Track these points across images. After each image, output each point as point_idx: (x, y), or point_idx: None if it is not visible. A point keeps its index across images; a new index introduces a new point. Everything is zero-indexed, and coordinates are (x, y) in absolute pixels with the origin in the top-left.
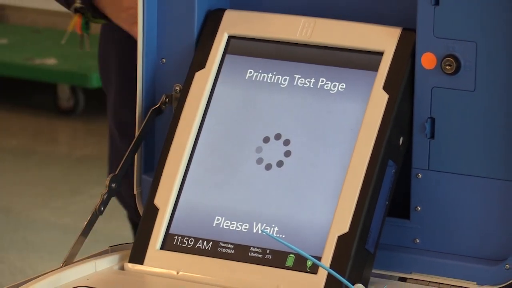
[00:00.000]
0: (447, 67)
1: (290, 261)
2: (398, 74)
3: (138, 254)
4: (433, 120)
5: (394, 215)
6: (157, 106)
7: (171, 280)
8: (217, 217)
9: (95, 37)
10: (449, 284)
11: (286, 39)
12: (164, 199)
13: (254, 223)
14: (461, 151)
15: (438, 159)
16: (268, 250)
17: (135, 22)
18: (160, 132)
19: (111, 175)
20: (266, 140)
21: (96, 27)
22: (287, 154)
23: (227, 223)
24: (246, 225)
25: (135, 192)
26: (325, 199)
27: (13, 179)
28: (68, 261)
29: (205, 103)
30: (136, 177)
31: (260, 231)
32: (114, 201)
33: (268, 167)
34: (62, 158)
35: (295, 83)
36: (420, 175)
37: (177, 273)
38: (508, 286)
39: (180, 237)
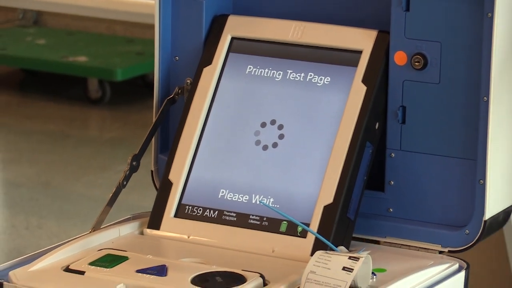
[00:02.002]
0: (416, 63)
1: (283, 227)
2: (374, 69)
3: (155, 221)
4: (404, 108)
5: (371, 188)
6: (171, 96)
7: (183, 243)
8: (221, 190)
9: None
10: (417, 247)
11: (280, 40)
12: (177, 175)
13: (253, 195)
14: (427, 134)
15: (408, 141)
16: (265, 218)
17: None
18: (174, 118)
19: (132, 154)
20: (263, 125)
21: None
22: (281, 137)
23: (230, 195)
24: (246, 197)
25: (152, 169)
26: (313, 174)
27: (52, 158)
28: (96, 227)
29: (212, 94)
30: (153, 157)
31: (258, 202)
32: (135, 176)
33: (265, 147)
34: (92, 140)
35: (287, 77)
36: (393, 155)
37: (188, 237)
38: (468, 248)
39: (190, 207)
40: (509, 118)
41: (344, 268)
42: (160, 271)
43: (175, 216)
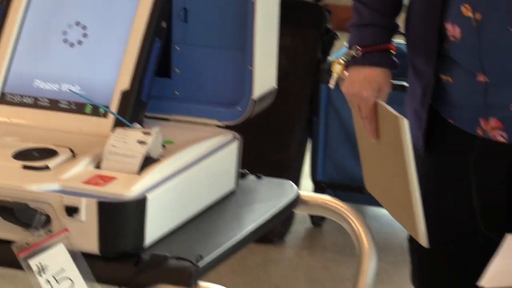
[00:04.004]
0: None
1: (88, 109)
2: None
3: None
4: (186, 10)
5: (160, 76)
6: None
7: (4, 125)
8: (36, 80)
9: None
10: (199, 122)
11: None
12: None
13: (62, 84)
14: (205, 31)
15: (190, 37)
16: (73, 102)
17: None
18: None
19: None
20: (70, 26)
21: None
22: (85, 35)
23: (43, 84)
24: (56, 85)
25: None
26: (112, 65)
27: None
28: None
29: (26, 1)
30: None
31: (67, 90)
32: None
33: (71, 45)
34: None
35: None
36: (177, 48)
37: (9, 120)
38: (240, 122)
39: (11, 95)
40: (275, 17)
41: (139, 141)
42: None
43: None
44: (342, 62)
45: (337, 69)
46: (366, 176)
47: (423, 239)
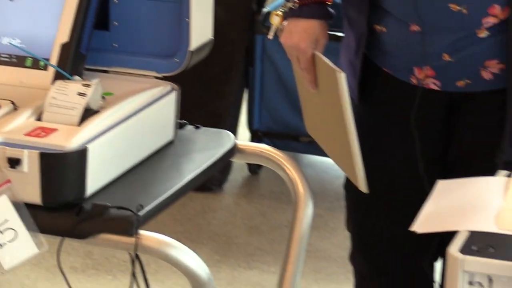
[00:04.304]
0: None
1: (29, 62)
2: None
3: None
4: None
5: (99, 29)
6: None
7: None
8: None
9: None
10: (138, 74)
11: None
12: None
13: (3, 37)
14: None
15: None
16: (13, 56)
17: None
18: None
19: None
20: None
21: None
22: None
23: None
24: None
25: None
26: (51, 19)
27: None
28: None
29: None
30: None
31: (7, 43)
32: None
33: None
34: None
35: None
36: (116, 1)
37: None
38: (177, 73)
39: None
40: None
41: (79, 93)
42: None
43: None
44: (280, 13)
45: (275, 20)
46: (307, 122)
47: (362, 185)
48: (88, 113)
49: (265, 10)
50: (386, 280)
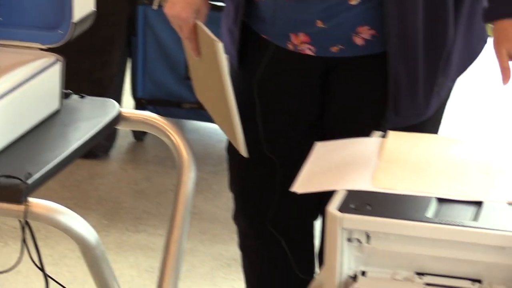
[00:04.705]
0: None
1: None
2: None
3: None
4: None
5: None
6: None
7: None
8: None
9: None
10: (23, 46)
11: None
12: None
13: None
14: None
15: None
16: None
17: None
18: None
19: None
20: None
21: None
22: None
23: None
24: None
25: None
26: None
27: None
28: None
29: None
30: None
31: None
32: None
33: None
34: None
35: None
36: None
37: None
38: (61, 44)
39: None
40: None
41: None
42: None
43: None
44: None
45: None
46: (196, 88)
47: (242, 149)
48: None
49: None
50: (269, 239)
